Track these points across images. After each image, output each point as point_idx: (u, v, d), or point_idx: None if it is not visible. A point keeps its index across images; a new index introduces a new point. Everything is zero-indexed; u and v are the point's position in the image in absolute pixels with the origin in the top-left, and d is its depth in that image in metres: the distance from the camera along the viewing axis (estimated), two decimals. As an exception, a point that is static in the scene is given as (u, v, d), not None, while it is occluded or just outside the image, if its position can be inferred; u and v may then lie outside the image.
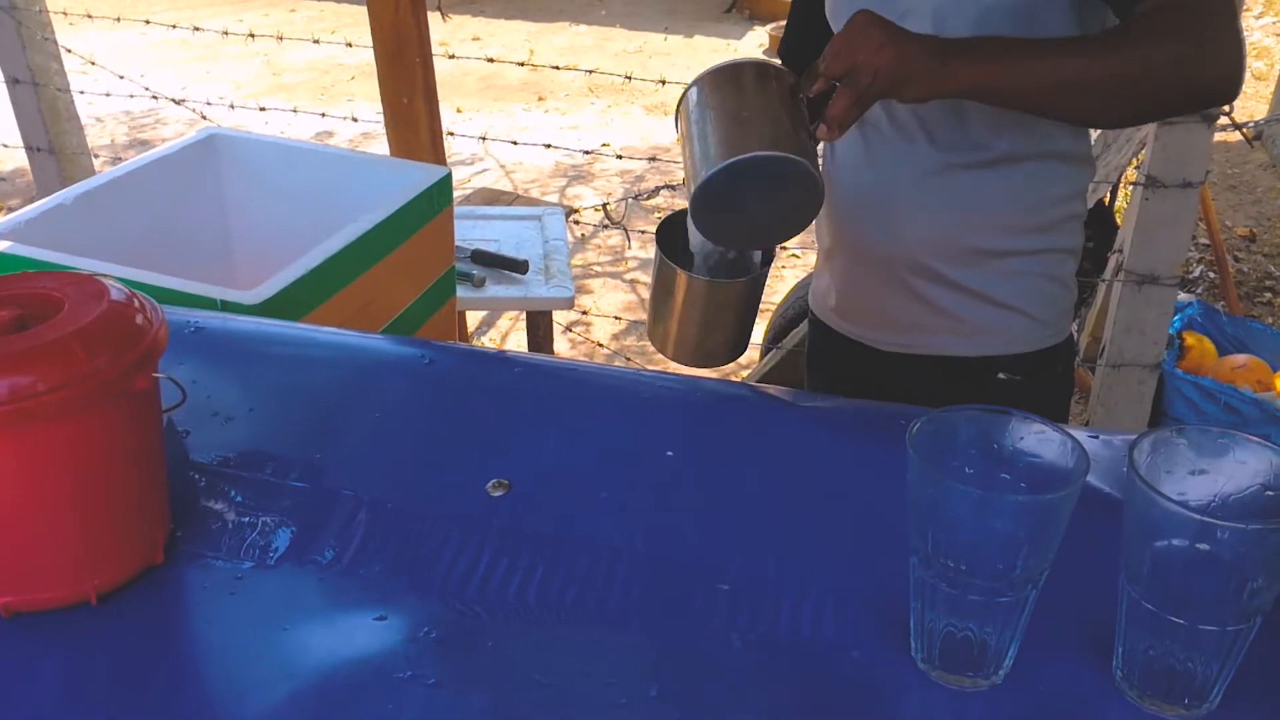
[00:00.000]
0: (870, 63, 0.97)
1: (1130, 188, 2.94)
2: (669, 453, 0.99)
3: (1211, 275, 3.83)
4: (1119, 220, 3.82)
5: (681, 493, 0.94)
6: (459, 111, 5.83)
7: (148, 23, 3.72)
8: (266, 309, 1.37)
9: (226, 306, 1.35)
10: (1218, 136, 2.50)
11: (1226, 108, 2.30)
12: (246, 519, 0.89)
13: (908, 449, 0.67)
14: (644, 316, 3.81)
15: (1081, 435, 0.94)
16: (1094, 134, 3.55)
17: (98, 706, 0.73)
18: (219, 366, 1.10)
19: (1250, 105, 5.54)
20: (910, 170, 1.21)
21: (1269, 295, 3.85)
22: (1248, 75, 5.92)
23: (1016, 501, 0.66)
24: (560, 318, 3.53)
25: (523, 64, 3.68)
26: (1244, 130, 3.00)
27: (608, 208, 4.11)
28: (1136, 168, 3.25)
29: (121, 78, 3.65)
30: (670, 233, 1.18)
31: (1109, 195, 3.84)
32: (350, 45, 3.21)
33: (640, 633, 0.79)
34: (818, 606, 0.80)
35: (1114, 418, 2.66)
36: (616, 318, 3.72)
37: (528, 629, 0.79)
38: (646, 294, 4.18)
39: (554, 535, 0.88)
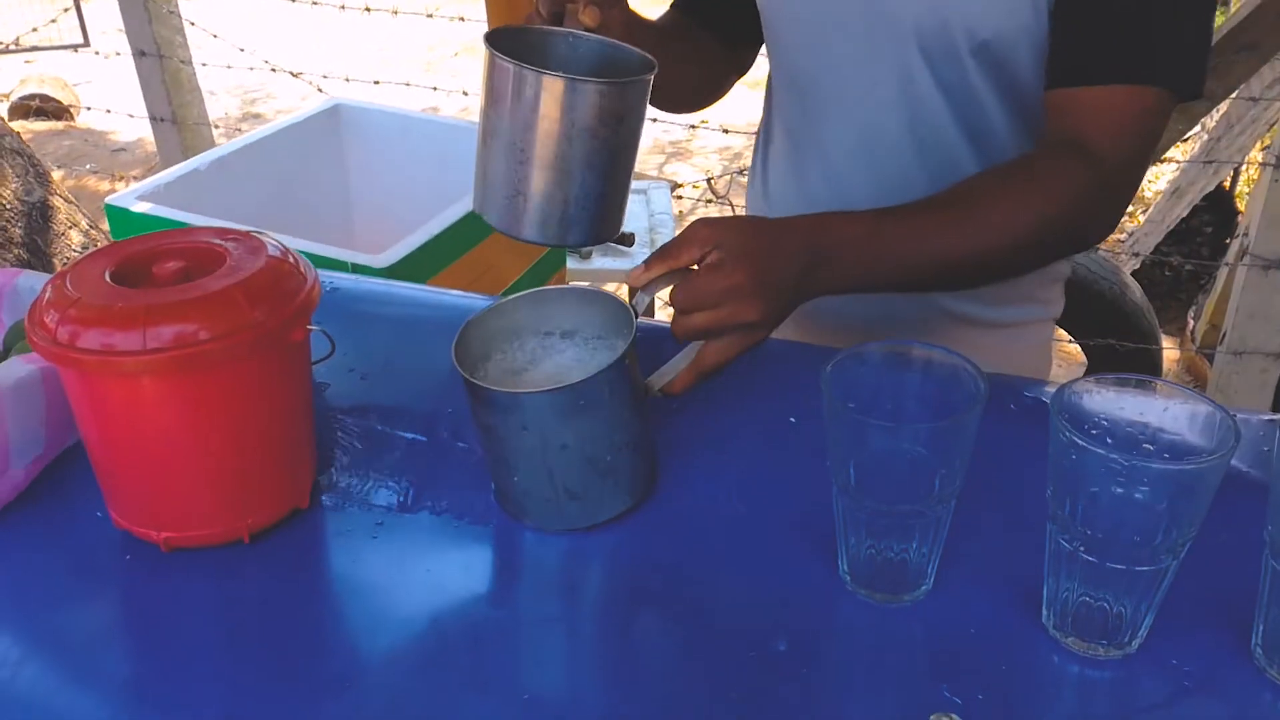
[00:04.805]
0: (735, 318, 0.84)
1: (1260, 168, 2.83)
2: (791, 419, 1.00)
3: (1338, 262, 3.67)
4: (1239, 205, 3.68)
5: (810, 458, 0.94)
6: (563, 84, 5.85)
7: (265, -5, 3.81)
8: (393, 273, 1.41)
9: (356, 269, 1.39)
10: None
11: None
12: (384, 469, 0.92)
13: (1051, 415, 0.67)
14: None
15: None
16: (1216, 114, 3.42)
17: (249, 635, 0.77)
18: (354, 324, 1.14)
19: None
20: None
21: (1399, 285, 3.68)
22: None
23: (1162, 470, 0.65)
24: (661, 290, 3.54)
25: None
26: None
27: (711, 182, 4.11)
28: (1264, 148, 3.14)
29: (242, 50, 3.76)
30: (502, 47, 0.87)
31: (1230, 179, 3.71)
32: (463, 20, 3.26)
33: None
34: (944, 573, 0.80)
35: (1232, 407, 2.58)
36: (716, 293, 3.72)
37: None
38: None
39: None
